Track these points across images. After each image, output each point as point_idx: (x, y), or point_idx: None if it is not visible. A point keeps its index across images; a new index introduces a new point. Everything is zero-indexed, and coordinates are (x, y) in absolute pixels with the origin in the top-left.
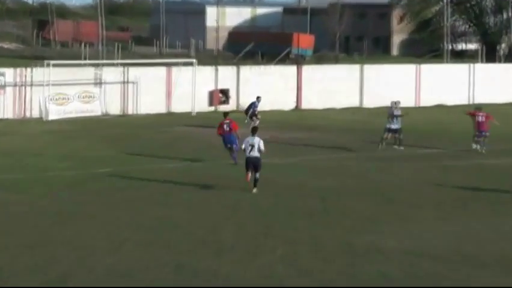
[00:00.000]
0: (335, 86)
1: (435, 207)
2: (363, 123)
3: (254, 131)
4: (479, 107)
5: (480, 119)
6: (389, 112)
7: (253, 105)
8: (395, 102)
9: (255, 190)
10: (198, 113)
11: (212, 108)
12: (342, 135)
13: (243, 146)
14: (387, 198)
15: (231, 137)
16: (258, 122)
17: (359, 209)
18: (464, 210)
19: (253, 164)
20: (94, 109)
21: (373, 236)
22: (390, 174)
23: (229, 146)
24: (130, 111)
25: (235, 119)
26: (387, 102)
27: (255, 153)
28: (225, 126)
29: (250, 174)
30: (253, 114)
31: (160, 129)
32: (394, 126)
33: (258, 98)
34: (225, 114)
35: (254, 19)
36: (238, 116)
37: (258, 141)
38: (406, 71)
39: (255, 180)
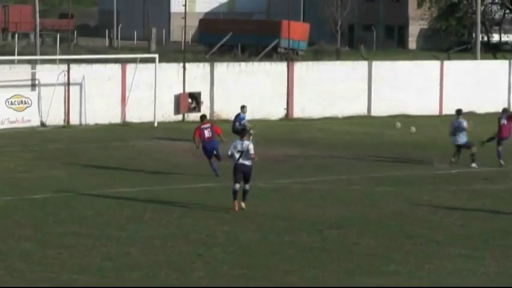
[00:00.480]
0: (335, 89)
1: (462, 242)
2: (372, 137)
3: (243, 133)
4: (506, 108)
5: (503, 122)
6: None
7: (238, 119)
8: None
9: (243, 205)
10: (161, 123)
11: (179, 117)
12: (345, 151)
13: (229, 152)
14: (402, 231)
15: (214, 143)
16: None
17: (365, 245)
18: (497, 246)
19: (243, 173)
20: (28, 118)
21: (383, 279)
22: (407, 201)
23: (215, 153)
24: (74, 121)
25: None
26: (403, 109)
27: (246, 161)
28: (206, 132)
29: (237, 204)
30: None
31: (113, 144)
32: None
33: (242, 108)
34: (203, 117)
35: (232, 3)
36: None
37: (247, 146)
38: (427, 69)
39: (244, 193)
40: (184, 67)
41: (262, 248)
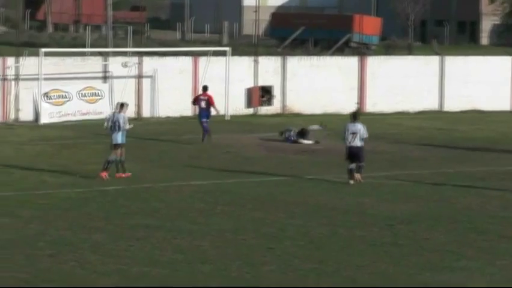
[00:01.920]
0: (407, 84)
1: None
2: (444, 132)
3: (356, 116)
4: None
5: None
6: None
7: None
8: None
9: (359, 176)
10: (233, 117)
11: (250, 111)
12: (417, 146)
13: (345, 135)
14: (473, 227)
15: (206, 113)
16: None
17: (436, 240)
18: None
19: (354, 155)
20: (100, 110)
21: (454, 274)
22: (478, 197)
23: (204, 120)
24: (145, 114)
25: (279, 124)
26: (474, 105)
27: (357, 143)
28: (202, 103)
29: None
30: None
31: (184, 137)
32: None
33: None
34: (205, 88)
35: None
36: (284, 120)
37: (360, 128)
38: (498, 64)
39: (359, 168)
40: (256, 60)
41: (333, 242)
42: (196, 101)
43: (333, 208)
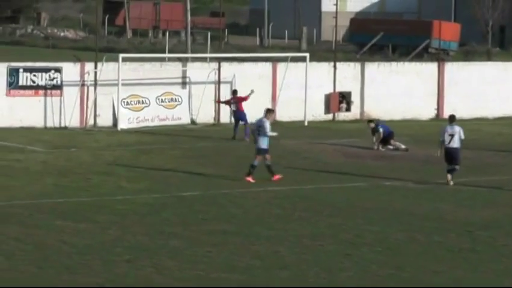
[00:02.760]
0: (486, 90)
1: None
2: None
3: (453, 118)
4: None
5: None
6: None
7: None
8: None
9: (449, 177)
10: (311, 122)
11: (329, 117)
12: (496, 152)
13: (442, 137)
14: None
15: (240, 114)
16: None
17: None
18: None
19: (452, 156)
20: (178, 116)
21: None
22: None
23: (243, 123)
24: (224, 119)
25: (357, 130)
26: None
27: (455, 144)
28: (232, 106)
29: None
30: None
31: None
32: None
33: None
34: (234, 92)
35: (383, 3)
36: (362, 126)
37: (458, 130)
38: None
39: (453, 170)
40: (334, 66)
41: (410, 248)
42: (228, 104)
43: (410, 214)
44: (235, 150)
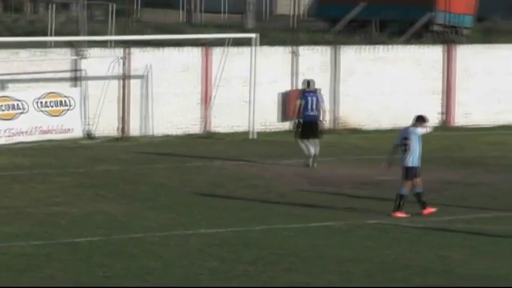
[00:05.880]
0: None
1: None
2: None
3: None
4: None
5: None
6: None
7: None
8: None
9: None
10: (261, 134)
11: (286, 125)
12: None
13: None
14: None
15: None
16: None
17: None
18: None
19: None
20: (68, 127)
21: None
22: None
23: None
24: (134, 131)
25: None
26: None
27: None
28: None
29: None
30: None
31: (190, 164)
32: None
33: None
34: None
35: None
36: (335, 140)
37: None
38: None
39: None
40: (294, 52)
41: None
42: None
43: (406, 267)
44: (149, 176)
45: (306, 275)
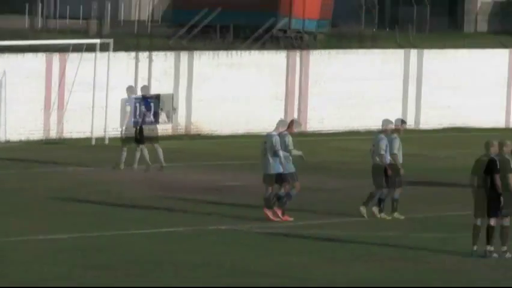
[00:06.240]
0: (366, 89)
1: None
2: (419, 160)
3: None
4: None
5: None
6: None
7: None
8: None
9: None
10: (111, 139)
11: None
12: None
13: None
14: None
15: None
16: None
17: None
18: None
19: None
20: None
21: None
22: None
23: None
24: None
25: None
26: (460, 119)
27: None
28: None
29: None
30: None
31: (36, 170)
32: None
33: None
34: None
35: None
36: (185, 146)
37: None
38: (492, 60)
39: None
40: (136, 57)
41: None
42: None
43: (247, 271)
44: (1, 181)
45: (152, 279)
